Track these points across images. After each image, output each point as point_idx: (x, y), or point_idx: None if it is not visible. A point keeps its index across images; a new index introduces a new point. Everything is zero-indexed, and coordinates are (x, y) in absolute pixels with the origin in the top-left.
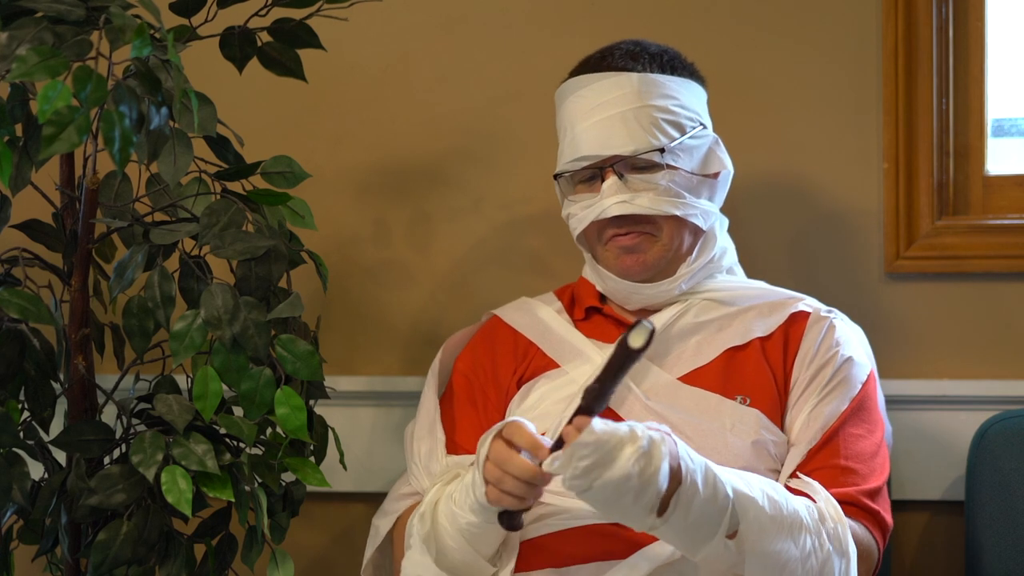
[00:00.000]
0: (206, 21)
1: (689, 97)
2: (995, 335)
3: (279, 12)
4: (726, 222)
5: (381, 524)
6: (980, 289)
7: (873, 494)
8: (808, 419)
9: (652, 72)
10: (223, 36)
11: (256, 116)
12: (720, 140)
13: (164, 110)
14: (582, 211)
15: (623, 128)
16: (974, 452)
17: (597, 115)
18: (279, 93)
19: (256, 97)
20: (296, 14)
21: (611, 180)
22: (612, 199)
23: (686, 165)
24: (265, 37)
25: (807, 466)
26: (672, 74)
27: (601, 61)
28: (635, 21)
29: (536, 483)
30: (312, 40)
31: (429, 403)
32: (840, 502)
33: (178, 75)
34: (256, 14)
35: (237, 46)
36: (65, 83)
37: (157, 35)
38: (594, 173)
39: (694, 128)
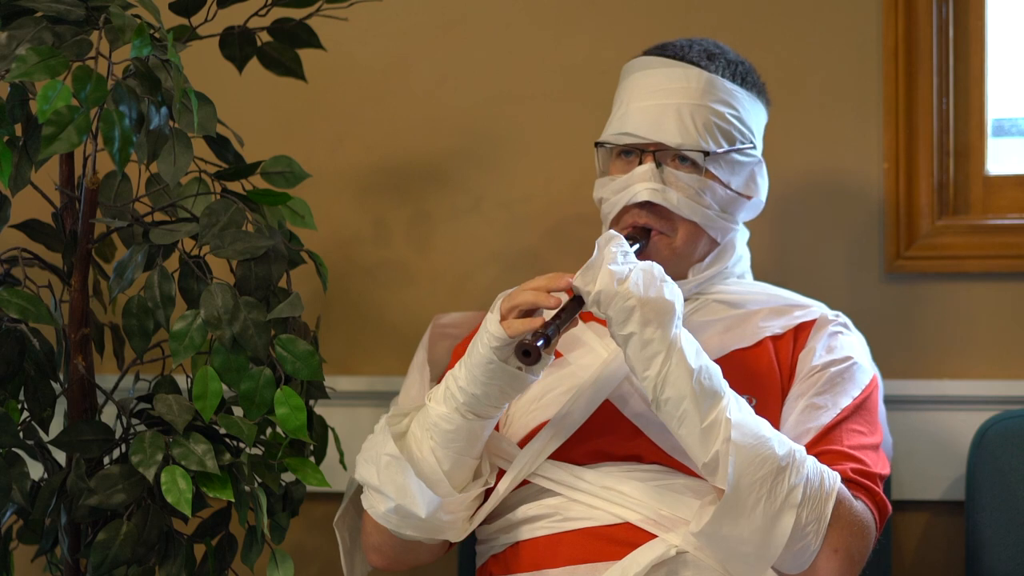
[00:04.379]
0: (206, 21)
1: (750, 112)
2: (995, 335)
3: (279, 12)
4: (747, 234)
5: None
6: (980, 289)
7: (872, 476)
8: (804, 413)
9: (723, 77)
10: (223, 36)
11: (256, 116)
12: (764, 165)
13: (164, 110)
14: (614, 195)
15: (676, 119)
16: (974, 452)
17: (655, 99)
18: (279, 93)
19: (256, 97)
20: (296, 14)
21: (648, 165)
22: (644, 184)
23: (724, 178)
24: (265, 37)
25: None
26: (742, 85)
27: (678, 49)
28: (635, 21)
29: (554, 284)
30: (312, 40)
31: (415, 374)
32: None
33: (178, 75)
34: (256, 14)
35: (237, 46)
36: (65, 83)
37: (157, 35)
38: (634, 152)
39: (744, 144)
